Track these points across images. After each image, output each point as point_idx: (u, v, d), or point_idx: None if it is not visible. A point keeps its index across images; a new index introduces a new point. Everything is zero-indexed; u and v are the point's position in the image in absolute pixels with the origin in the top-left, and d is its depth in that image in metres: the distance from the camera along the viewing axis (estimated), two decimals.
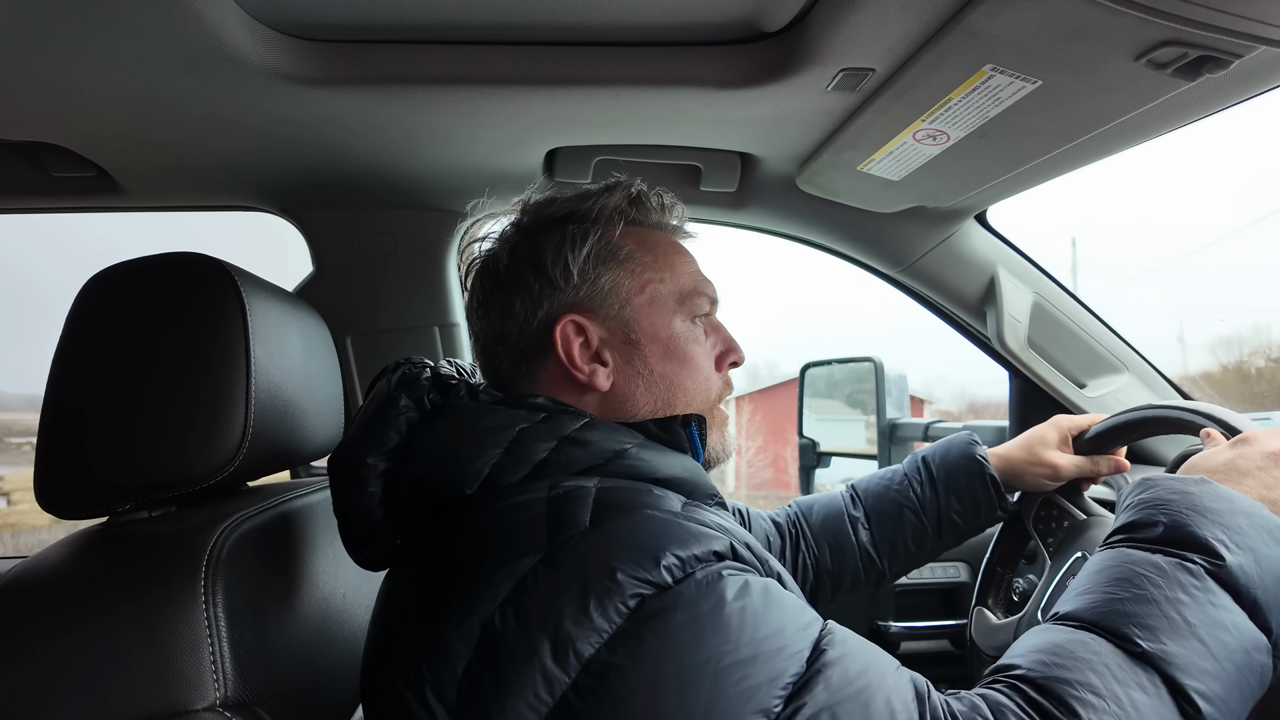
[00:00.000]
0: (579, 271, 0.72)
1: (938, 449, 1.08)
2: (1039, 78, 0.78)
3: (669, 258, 0.77)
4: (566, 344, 0.71)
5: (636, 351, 0.73)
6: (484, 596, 0.52)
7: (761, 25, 0.84)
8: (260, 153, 1.09)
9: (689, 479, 0.68)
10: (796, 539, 1.09)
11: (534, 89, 0.92)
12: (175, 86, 0.85)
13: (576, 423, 0.65)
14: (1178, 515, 0.62)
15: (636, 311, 0.73)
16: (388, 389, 0.68)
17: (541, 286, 0.72)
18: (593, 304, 0.72)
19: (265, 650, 0.64)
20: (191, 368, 0.66)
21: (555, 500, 0.58)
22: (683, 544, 0.53)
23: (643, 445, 0.67)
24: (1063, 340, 1.39)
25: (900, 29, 0.76)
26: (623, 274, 0.73)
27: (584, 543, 0.53)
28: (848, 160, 1.06)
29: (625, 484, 0.62)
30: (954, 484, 1.04)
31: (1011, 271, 1.37)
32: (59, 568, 0.61)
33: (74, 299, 0.68)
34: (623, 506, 0.57)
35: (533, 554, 0.53)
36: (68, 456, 0.64)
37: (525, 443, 0.63)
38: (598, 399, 0.72)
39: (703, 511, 0.61)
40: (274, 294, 0.76)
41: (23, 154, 1.11)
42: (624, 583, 0.50)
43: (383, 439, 0.65)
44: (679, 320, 0.75)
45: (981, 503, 1.02)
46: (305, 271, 1.34)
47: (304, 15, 0.80)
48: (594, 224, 0.74)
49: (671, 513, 0.57)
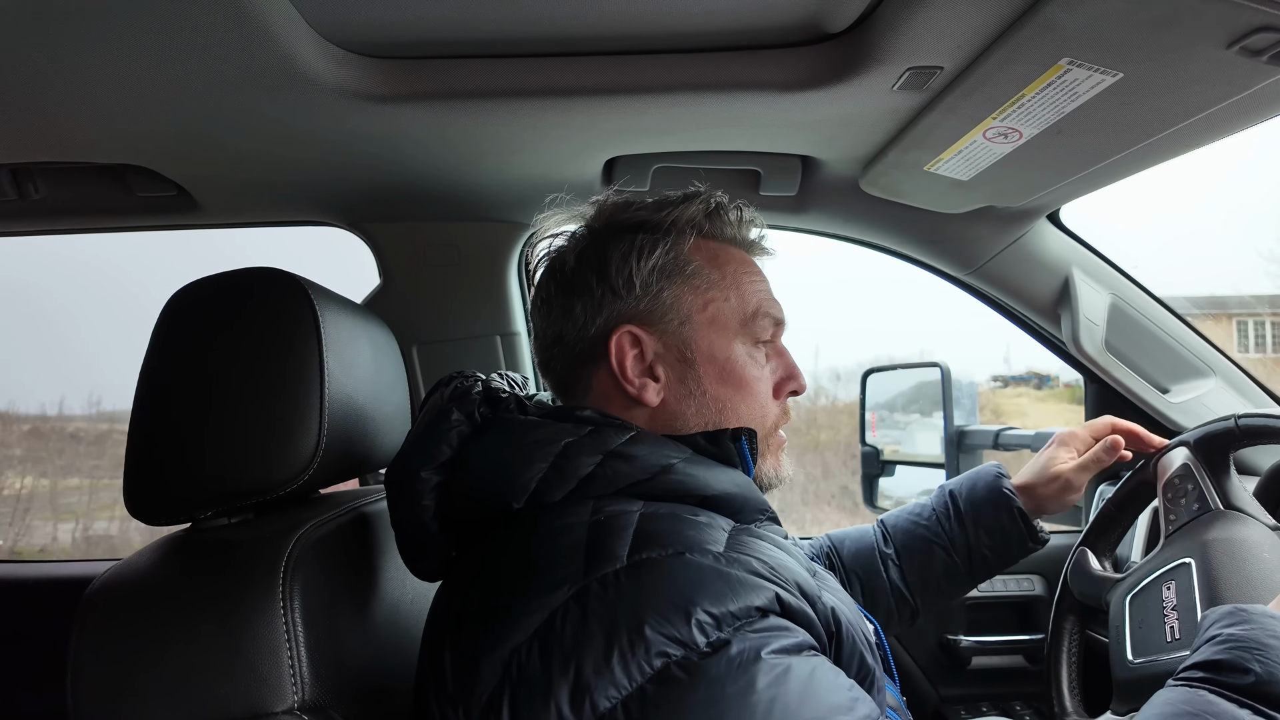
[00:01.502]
0: (642, 282, 0.71)
1: (964, 483, 1.06)
2: (1120, 70, 0.74)
3: (737, 276, 0.75)
4: (620, 354, 0.70)
5: (691, 370, 0.71)
6: (516, 628, 0.52)
7: (825, 26, 0.83)
8: (330, 168, 1.12)
9: (739, 494, 0.66)
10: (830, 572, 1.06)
11: (594, 99, 0.92)
12: (250, 106, 0.88)
13: (622, 437, 0.64)
14: (1274, 667, 0.56)
15: (696, 329, 0.72)
16: (440, 403, 0.69)
17: (603, 293, 0.72)
18: (652, 317, 0.71)
19: (338, 654, 0.66)
20: (270, 379, 0.68)
21: (595, 527, 0.57)
22: (718, 599, 0.51)
23: (690, 460, 0.65)
24: (1144, 343, 1.33)
25: (970, 25, 0.74)
26: (686, 289, 0.72)
27: (616, 585, 0.52)
28: (914, 160, 1.03)
29: (669, 509, 0.60)
30: (983, 519, 1.01)
31: (1087, 272, 1.31)
32: (147, 571, 0.64)
33: (159, 314, 0.71)
34: (662, 542, 0.55)
35: (567, 586, 0.52)
36: (153, 466, 0.67)
37: (570, 457, 0.62)
38: (647, 414, 0.71)
39: (751, 543, 0.59)
40: (345, 306, 0.78)
41: (111, 176, 1.16)
42: (651, 639, 0.49)
43: (435, 453, 0.66)
44: (739, 343, 0.73)
45: (1011, 538, 1.00)
46: (356, 283, 1.38)
47: (372, 34, 0.82)
48: (664, 235, 0.73)
49: (714, 554, 0.55)
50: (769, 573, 0.55)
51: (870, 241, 1.39)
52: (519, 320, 1.39)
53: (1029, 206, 1.20)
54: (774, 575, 0.55)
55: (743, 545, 0.58)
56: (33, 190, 1.16)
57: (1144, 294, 1.33)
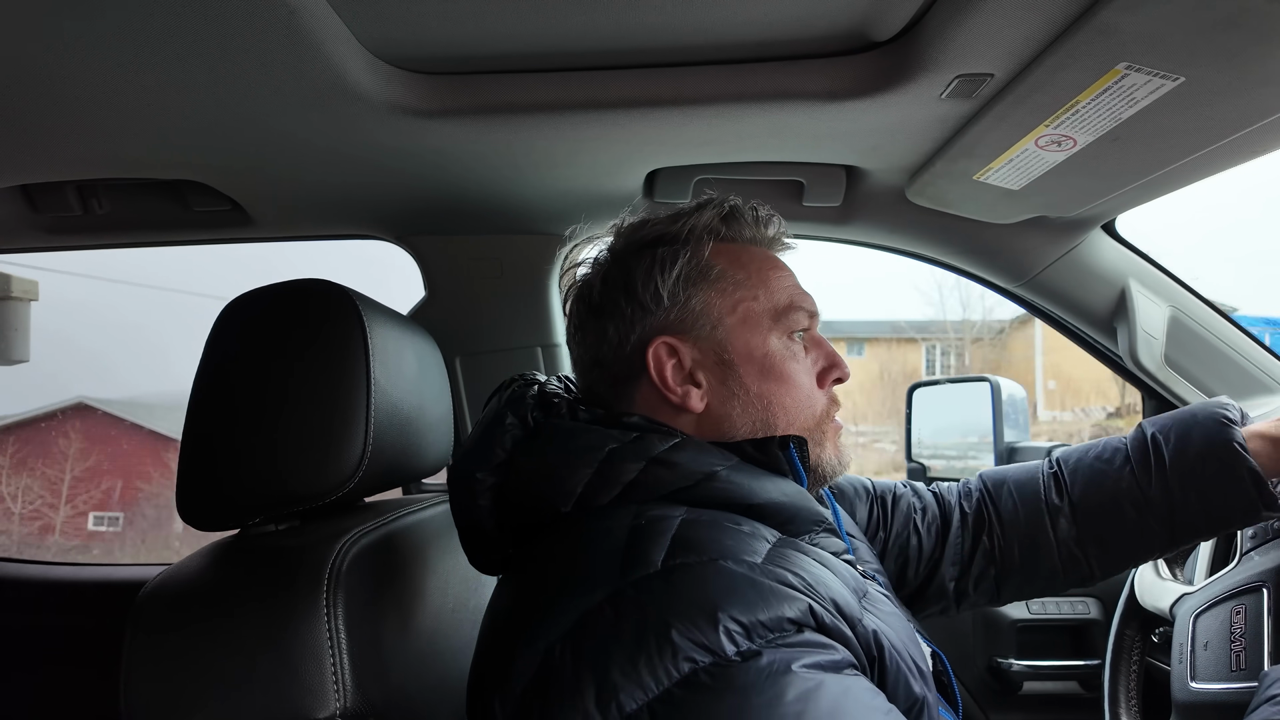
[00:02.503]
0: (669, 294, 0.71)
1: (1173, 423, 0.87)
2: (1181, 74, 0.72)
3: (763, 274, 0.74)
4: (659, 366, 0.71)
5: (731, 372, 0.71)
6: (553, 625, 0.53)
7: (871, 34, 0.82)
8: (377, 183, 1.14)
9: (789, 504, 0.65)
10: (979, 526, 0.94)
11: (636, 111, 0.93)
12: (302, 123, 0.90)
13: (666, 443, 0.64)
14: None
15: (729, 331, 0.71)
16: (497, 406, 0.71)
17: (633, 310, 0.72)
18: (684, 326, 0.71)
19: (380, 662, 0.66)
20: (318, 389, 0.69)
21: (635, 531, 0.57)
22: (748, 607, 0.50)
23: (735, 468, 0.64)
24: (1206, 358, 1.28)
25: (1022, 30, 0.72)
26: (714, 294, 0.72)
27: (649, 589, 0.52)
28: (963, 169, 1.01)
29: (711, 517, 0.60)
30: (1195, 477, 0.83)
31: (1144, 284, 1.27)
32: (197, 576, 0.65)
33: (213, 324, 0.73)
34: (698, 549, 0.55)
35: (603, 588, 0.53)
36: (205, 472, 0.69)
37: (614, 463, 0.63)
38: (694, 420, 0.71)
39: (793, 557, 0.58)
40: (392, 318, 0.79)
41: (169, 192, 1.21)
42: (679, 643, 0.49)
43: (489, 455, 0.67)
44: (775, 338, 0.72)
45: (1235, 505, 0.81)
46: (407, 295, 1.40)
47: (421, 51, 0.84)
48: (683, 245, 0.73)
49: (749, 563, 0.54)
50: (804, 587, 0.54)
51: (917, 252, 1.37)
52: (560, 331, 1.40)
53: (1083, 216, 1.16)
54: (809, 590, 0.54)
55: (783, 558, 0.57)
56: (96, 206, 1.21)
57: (1207, 307, 1.27)
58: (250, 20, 0.68)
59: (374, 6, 0.74)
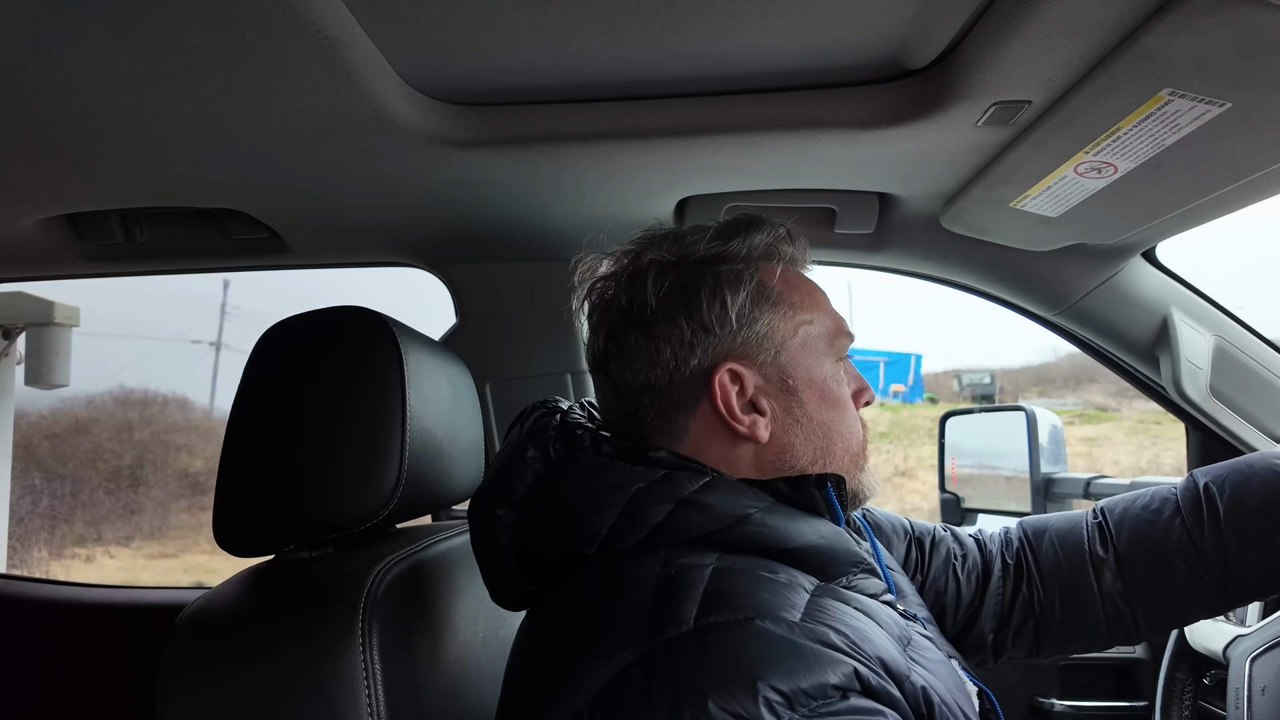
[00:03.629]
0: (736, 316, 0.68)
1: (1228, 473, 0.83)
2: (1227, 99, 0.70)
3: (814, 297, 0.74)
4: (725, 394, 0.67)
5: (794, 399, 0.68)
6: (579, 689, 0.50)
7: (906, 63, 0.81)
8: (413, 211, 1.16)
9: (825, 547, 0.62)
10: (1019, 576, 0.90)
11: (669, 140, 0.93)
12: (340, 152, 0.92)
13: (696, 483, 0.61)
14: None
15: (792, 356, 0.69)
16: (518, 438, 0.68)
17: (694, 332, 0.67)
18: (749, 350, 0.68)
19: (414, 693, 0.66)
20: (354, 416, 0.69)
21: (664, 583, 0.54)
22: (789, 674, 0.47)
23: (769, 510, 0.61)
24: (1254, 388, 1.24)
25: (1061, 57, 0.71)
26: (776, 317, 0.70)
27: (681, 653, 0.49)
28: (999, 197, 1.00)
29: (745, 565, 0.57)
30: (1253, 531, 0.78)
31: (1187, 313, 1.24)
32: (234, 603, 0.65)
33: (251, 350, 0.74)
34: (732, 605, 0.52)
35: (633, 647, 0.50)
36: (242, 497, 0.69)
37: (641, 504, 0.60)
38: (753, 451, 0.68)
39: (833, 609, 0.55)
40: (426, 345, 0.79)
41: (209, 220, 1.23)
42: (715, 714, 0.46)
43: (510, 491, 0.65)
44: (829, 362, 0.71)
45: None
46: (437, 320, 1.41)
47: (457, 82, 0.85)
48: (746, 264, 0.70)
49: (788, 622, 0.51)
50: (848, 646, 0.51)
51: (951, 280, 1.35)
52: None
53: (1123, 244, 1.14)
54: (854, 649, 0.51)
55: (823, 612, 0.54)
56: (139, 234, 1.24)
57: (1254, 337, 1.24)
58: (292, 53, 0.69)
59: (412, 39, 0.75)
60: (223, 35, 0.66)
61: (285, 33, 0.66)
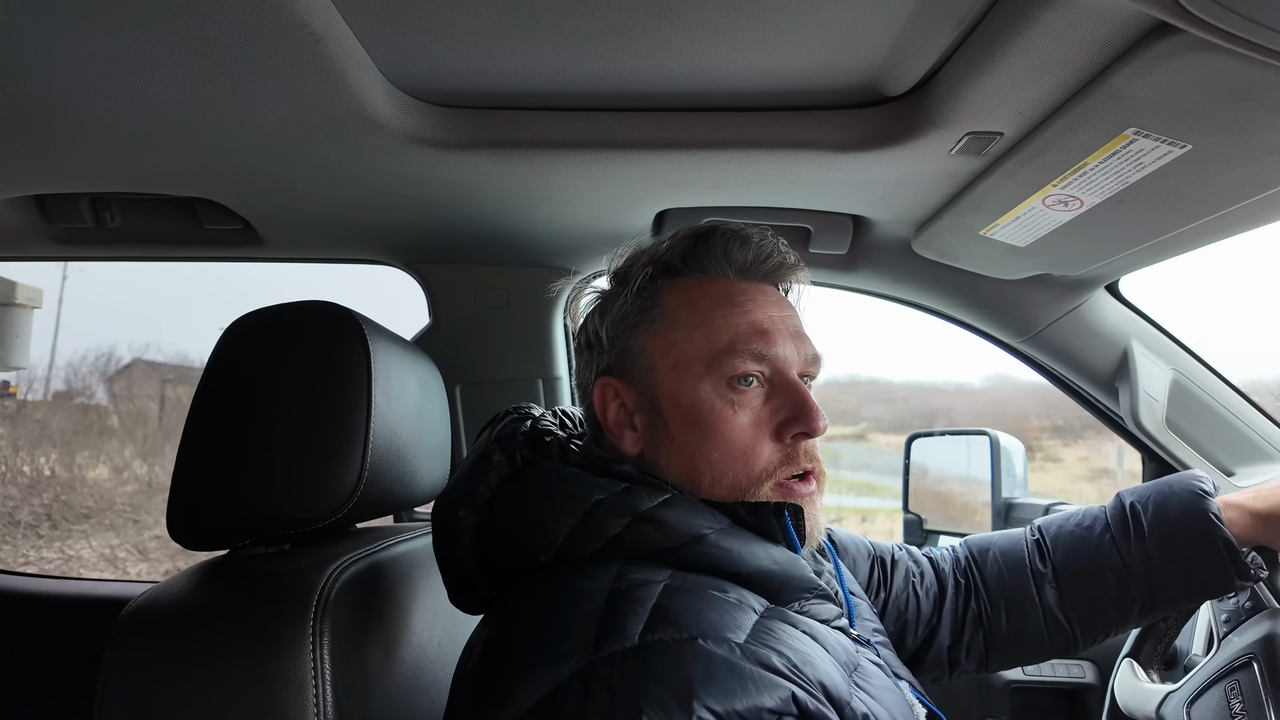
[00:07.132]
0: (607, 337, 0.72)
1: (1152, 493, 0.88)
2: (1189, 142, 0.73)
3: (708, 312, 0.68)
4: (602, 405, 0.71)
5: (659, 418, 0.68)
6: (520, 696, 0.50)
7: (884, 89, 0.83)
8: (390, 210, 1.15)
9: (778, 573, 0.62)
10: (968, 591, 0.94)
11: (648, 152, 0.94)
12: (319, 147, 0.91)
13: (655, 499, 0.61)
14: None
15: (660, 376, 0.68)
16: (487, 441, 0.69)
17: (593, 349, 0.74)
18: (623, 367, 0.71)
19: (364, 697, 0.65)
20: (317, 411, 0.69)
21: (614, 597, 0.55)
22: (726, 695, 0.48)
23: (724, 532, 0.61)
24: (1207, 423, 1.27)
25: (1033, 92, 0.73)
26: (649, 336, 0.70)
27: (622, 666, 0.49)
28: (969, 224, 1.02)
29: (695, 584, 0.57)
30: (1173, 546, 0.84)
31: (1148, 346, 1.27)
32: (183, 599, 0.64)
33: (215, 342, 0.73)
34: (677, 624, 0.52)
35: (575, 659, 0.50)
36: (197, 490, 0.68)
37: (599, 516, 0.61)
38: (634, 463, 0.68)
39: (780, 631, 0.55)
40: (396, 343, 0.79)
41: (182, 208, 1.21)
42: None
43: (474, 493, 0.66)
44: (706, 385, 0.66)
45: (1211, 574, 0.82)
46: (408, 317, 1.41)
47: (441, 84, 0.85)
48: (628, 284, 0.72)
49: (731, 642, 0.52)
50: (789, 669, 0.52)
51: (921, 304, 1.37)
52: (562, 365, 1.40)
53: (1087, 276, 1.17)
54: (795, 673, 0.52)
55: (769, 634, 0.54)
56: (109, 219, 1.22)
57: (1209, 372, 1.27)
58: (276, 46, 0.69)
59: (398, 39, 0.75)
60: (205, 23, 0.65)
61: (269, 25, 0.65)
